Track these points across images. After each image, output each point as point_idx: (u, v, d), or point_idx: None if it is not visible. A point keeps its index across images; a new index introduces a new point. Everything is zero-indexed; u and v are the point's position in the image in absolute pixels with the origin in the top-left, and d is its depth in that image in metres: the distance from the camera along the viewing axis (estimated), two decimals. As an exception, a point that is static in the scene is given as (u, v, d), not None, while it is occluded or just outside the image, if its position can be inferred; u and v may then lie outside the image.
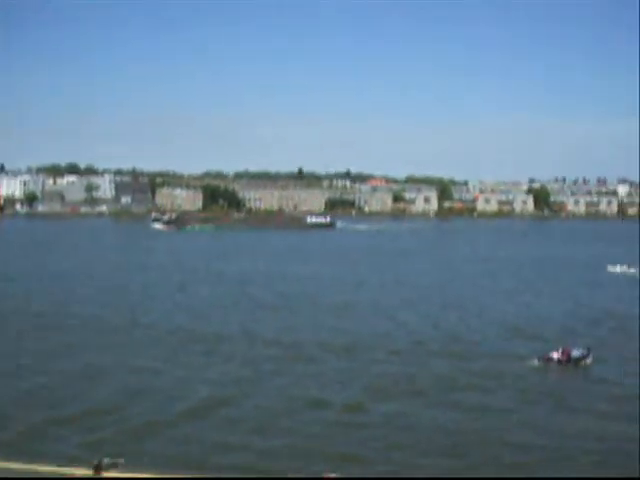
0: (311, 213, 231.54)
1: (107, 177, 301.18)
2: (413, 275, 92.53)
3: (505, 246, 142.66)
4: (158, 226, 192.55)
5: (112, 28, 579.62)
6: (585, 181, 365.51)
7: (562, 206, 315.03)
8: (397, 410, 36.29)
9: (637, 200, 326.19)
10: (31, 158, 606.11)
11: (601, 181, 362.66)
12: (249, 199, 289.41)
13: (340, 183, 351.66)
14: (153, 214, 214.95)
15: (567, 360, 45.03)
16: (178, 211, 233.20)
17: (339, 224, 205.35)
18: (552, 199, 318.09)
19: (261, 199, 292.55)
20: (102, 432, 32.03)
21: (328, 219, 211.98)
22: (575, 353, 45.56)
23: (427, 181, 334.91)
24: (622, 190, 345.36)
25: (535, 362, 45.00)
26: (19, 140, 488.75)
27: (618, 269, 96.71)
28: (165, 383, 40.44)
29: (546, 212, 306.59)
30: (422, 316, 62.31)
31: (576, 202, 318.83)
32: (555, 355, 45.30)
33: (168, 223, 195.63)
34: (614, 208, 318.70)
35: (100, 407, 35.68)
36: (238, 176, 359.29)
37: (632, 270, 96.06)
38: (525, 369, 44.07)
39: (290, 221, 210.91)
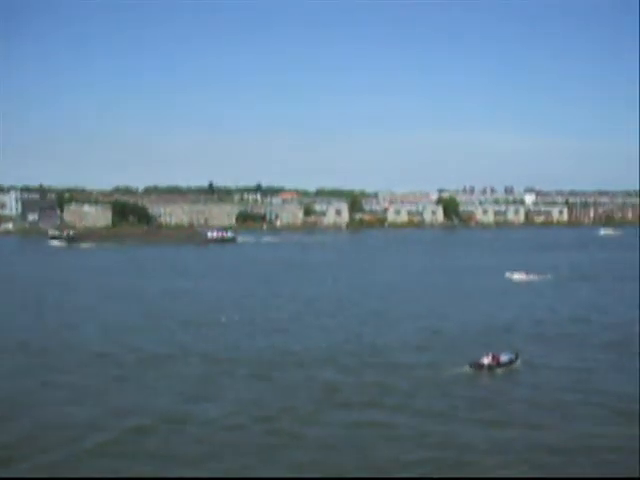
0: (217, 227, 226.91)
1: (13, 194, 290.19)
2: (310, 287, 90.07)
3: (414, 256, 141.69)
4: (55, 243, 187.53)
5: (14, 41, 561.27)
6: (493, 191, 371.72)
7: (471, 215, 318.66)
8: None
9: (543, 209, 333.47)
10: None
11: (508, 190, 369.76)
12: (159, 214, 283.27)
13: (251, 197, 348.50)
14: (50, 231, 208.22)
15: (497, 365, 45.64)
16: (84, 228, 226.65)
17: (240, 238, 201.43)
18: (461, 209, 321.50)
19: (171, 214, 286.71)
20: None
21: (229, 233, 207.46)
22: (504, 358, 46.37)
23: (338, 193, 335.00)
24: (529, 199, 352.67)
25: (467, 368, 45.28)
26: None
27: (516, 276, 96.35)
28: None
29: (455, 222, 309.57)
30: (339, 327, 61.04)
31: (485, 211, 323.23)
32: (485, 361, 45.66)
33: (66, 240, 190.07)
34: (521, 217, 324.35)
35: None
36: (148, 191, 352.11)
37: (531, 277, 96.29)
38: (458, 376, 44.10)
39: (190, 236, 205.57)
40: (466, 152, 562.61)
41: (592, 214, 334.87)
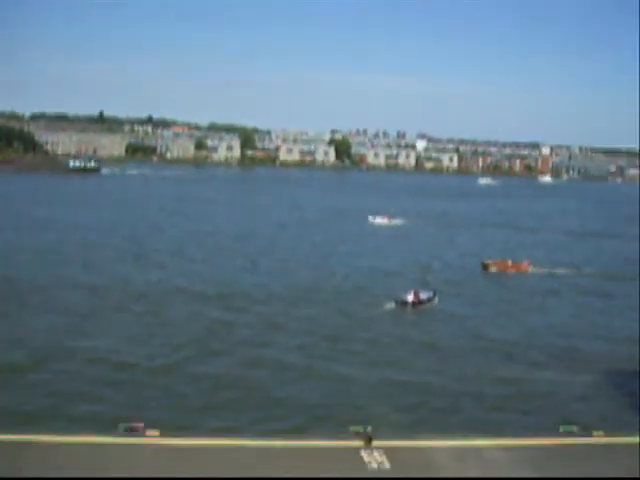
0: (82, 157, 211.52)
1: None
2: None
3: (297, 197, 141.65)
4: None
5: None
6: (385, 134, 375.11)
7: (363, 158, 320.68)
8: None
9: (434, 155, 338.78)
10: None
11: (401, 135, 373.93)
12: (46, 142, 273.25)
13: (142, 129, 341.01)
14: None
15: (419, 302, 48.64)
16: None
17: (105, 170, 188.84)
18: (353, 151, 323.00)
19: (59, 143, 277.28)
20: None
21: (93, 163, 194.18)
22: (423, 295, 49.50)
23: (230, 129, 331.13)
24: (420, 145, 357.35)
25: (392, 305, 47.94)
26: None
27: (378, 220, 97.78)
28: None
29: (347, 163, 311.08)
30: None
31: (376, 155, 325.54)
32: (409, 298, 48.42)
33: None
34: (412, 162, 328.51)
35: None
36: (34, 118, 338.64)
37: (395, 221, 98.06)
38: (387, 312, 46.84)
39: (50, 164, 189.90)
40: (361, 95, 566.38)
41: (481, 163, 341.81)
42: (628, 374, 36.64)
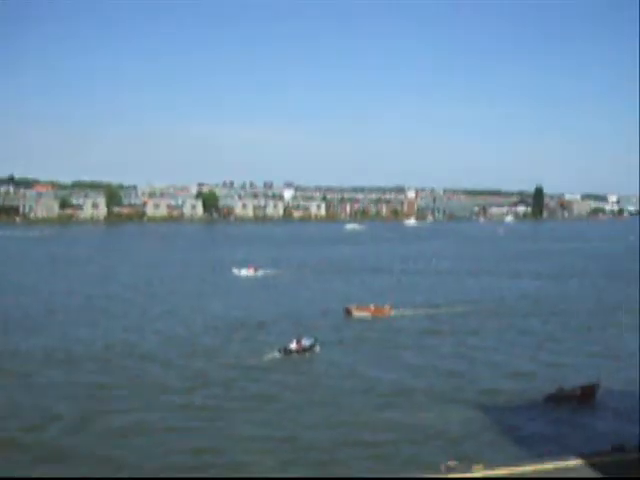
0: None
1: None
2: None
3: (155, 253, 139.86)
4: None
5: None
6: (253, 185, 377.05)
7: (231, 210, 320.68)
8: None
9: (301, 203, 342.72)
10: None
11: (268, 185, 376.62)
12: None
13: (3, 189, 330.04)
14: None
15: (302, 349, 49.77)
16: None
17: None
18: (221, 203, 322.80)
19: None
20: None
21: None
22: (306, 342, 50.53)
23: (95, 186, 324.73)
24: (287, 194, 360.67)
25: (277, 354, 48.93)
26: None
27: (243, 272, 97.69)
28: None
29: (215, 216, 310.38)
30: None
31: (244, 206, 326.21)
32: (293, 346, 49.56)
33: None
34: (280, 211, 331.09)
35: None
36: None
37: (261, 272, 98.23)
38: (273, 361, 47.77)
39: None
40: (227, 147, 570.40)
41: (348, 209, 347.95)
42: (507, 408, 38.09)
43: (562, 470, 23.37)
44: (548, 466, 23.74)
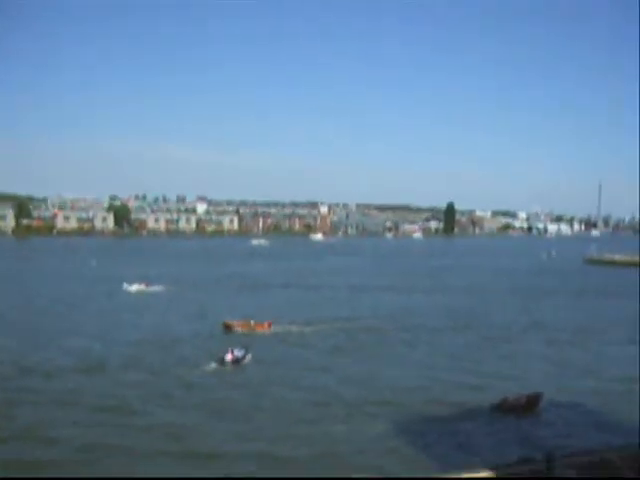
0: None
1: None
2: None
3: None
4: None
5: None
6: (165, 199, 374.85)
7: (143, 223, 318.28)
8: None
9: (214, 217, 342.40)
10: None
11: (180, 199, 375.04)
12: None
13: None
14: None
15: (236, 360, 51.77)
16: None
17: None
18: (133, 217, 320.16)
19: None
20: None
21: None
22: (238, 353, 52.49)
23: (3, 198, 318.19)
24: (200, 208, 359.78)
25: (213, 365, 50.99)
26: None
27: (134, 287, 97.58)
28: None
29: (127, 229, 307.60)
30: None
31: (157, 220, 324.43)
32: (228, 357, 51.63)
33: None
34: (193, 225, 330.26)
35: None
36: None
37: (154, 288, 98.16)
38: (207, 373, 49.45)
39: None
40: (138, 159, 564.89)
41: (261, 224, 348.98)
42: (418, 420, 39.41)
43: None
44: (462, 476, 24.51)
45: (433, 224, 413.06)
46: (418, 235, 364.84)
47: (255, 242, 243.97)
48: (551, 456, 24.25)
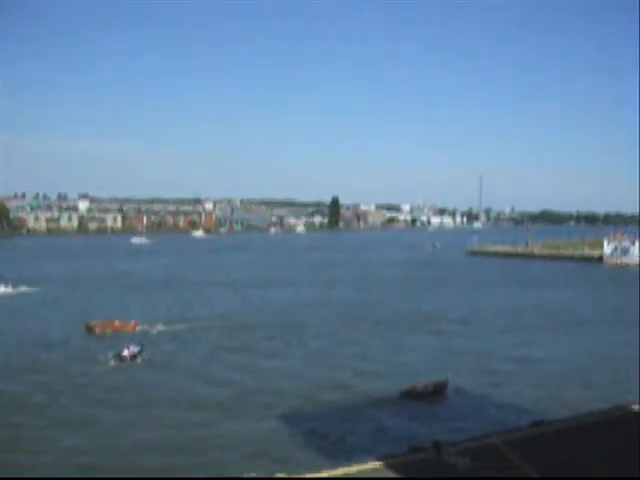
0: None
1: None
2: None
3: None
4: None
5: None
6: (46, 197, 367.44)
7: (22, 222, 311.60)
8: None
9: (97, 215, 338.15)
10: None
11: (62, 197, 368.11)
12: None
13: None
14: None
15: (133, 355, 52.98)
16: None
17: None
18: (12, 216, 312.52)
19: None
20: None
21: None
22: (134, 349, 53.66)
23: None
24: (82, 206, 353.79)
25: (112, 362, 52.02)
26: None
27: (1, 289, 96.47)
28: None
29: (6, 229, 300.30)
30: None
31: (37, 218, 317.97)
32: (125, 353, 52.87)
33: None
34: (75, 223, 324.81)
35: None
36: None
37: (22, 288, 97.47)
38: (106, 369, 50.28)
39: None
40: (19, 157, 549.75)
41: (145, 221, 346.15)
42: (303, 416, 39.58)
43: (365, 472, 24.46)
44: (352, 469, 24.85)
45: (318, 219, 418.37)
46: (301, 229, 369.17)
47: (136, 240, 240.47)
48: (439, 444, 25.99)
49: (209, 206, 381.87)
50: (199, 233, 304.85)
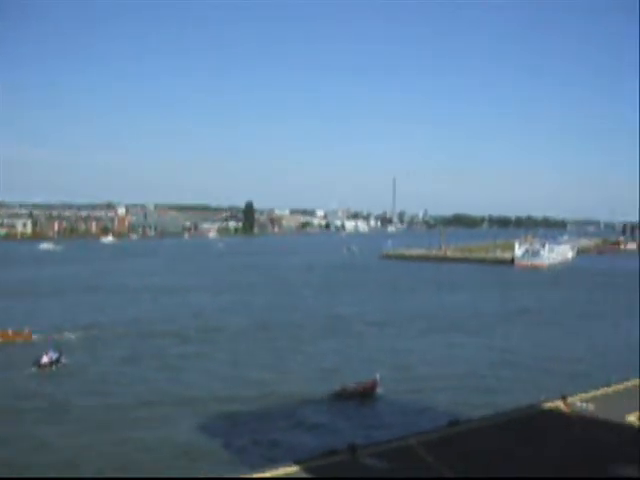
0: None
1: None
2: None
3: None
4: None
5: None
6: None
7: None
8: None
9: (6, 221, 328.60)
10: None
11: None
12: None
13: None
14: None
15: (52, 362, 53.29)
16: None
17: None
18: None
19: None
20: None
21: None
22: (53, 356, 53.91)
23: None
24: None
25: (33, 369, 52.01)
26: None
27: None
28: None
29: None
30: None
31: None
32: (45, 359, 53.03)
33: None
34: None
35: None
36: None
37: None
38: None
39: None
40: None
41: (56, 227, 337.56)
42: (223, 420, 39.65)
43: (280, 476, 24.30)
44: (266, 475, 24.54)
45: (232, 224, 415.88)
46: (213, 235, 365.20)
47: (44, 246, 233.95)
48: (354, 446, 25.94)
49: (122, 211, 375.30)
50: (109, 239, 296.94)
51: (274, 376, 50.44)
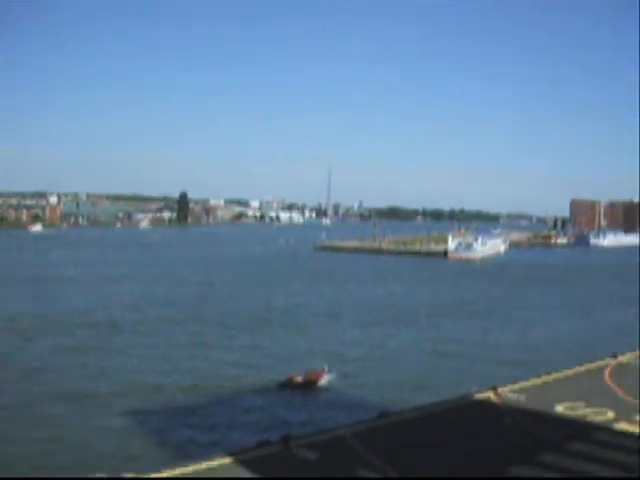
0: None
1: None
2: None
3: None
4: None
5: None
6: None
7: None
8: None
9: None
10: None
11: None
12: None
13: None
14: None
15: None
16: None
17: None
18: None
19: None
20: None
21: None
22: None
23: None
24: None
25: None
26: None
27: None
28: None
29: None
30: None
31: None
32: None
33: None
34: None
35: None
36: None
37: None
38: None
39: None
40: None
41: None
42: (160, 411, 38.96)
43: (213, 470, 23.09)
44: (200, 467, 23.39)
45: (166, 214, 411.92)
46: (145, 225, 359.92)
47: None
48: (287, 438, 26.30)
49: (53, 200, 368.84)
50: (37, 228, 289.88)
51: (210, 367, 49.93)
